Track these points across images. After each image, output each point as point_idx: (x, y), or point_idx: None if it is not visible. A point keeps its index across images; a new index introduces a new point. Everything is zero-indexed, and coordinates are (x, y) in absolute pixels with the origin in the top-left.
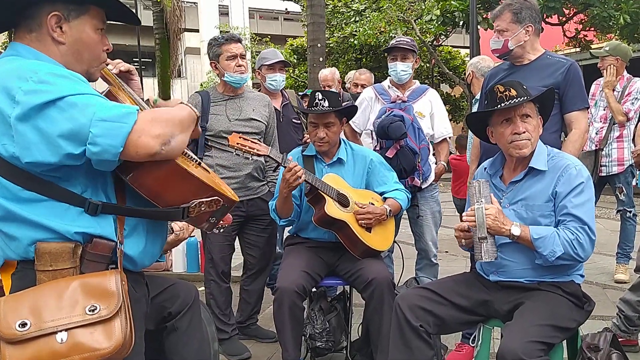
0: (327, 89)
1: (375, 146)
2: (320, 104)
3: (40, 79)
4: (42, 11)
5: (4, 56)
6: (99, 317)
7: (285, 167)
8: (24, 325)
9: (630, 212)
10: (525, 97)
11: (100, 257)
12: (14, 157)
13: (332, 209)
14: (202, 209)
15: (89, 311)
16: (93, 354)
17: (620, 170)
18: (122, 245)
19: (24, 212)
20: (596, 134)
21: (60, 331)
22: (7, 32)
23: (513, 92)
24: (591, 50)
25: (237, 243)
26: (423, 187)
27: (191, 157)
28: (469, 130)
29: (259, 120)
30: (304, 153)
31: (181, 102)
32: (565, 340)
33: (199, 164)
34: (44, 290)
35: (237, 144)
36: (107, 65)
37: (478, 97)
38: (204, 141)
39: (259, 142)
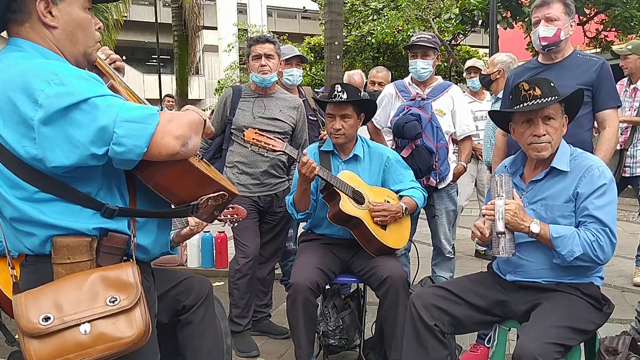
0: None
1: (392, 145)
2: (339, 95)
3: (62, 81)
4: (27, 0)
5: (8, 52)
6: (120, 307)
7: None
8: (47, 319)
9: None
10: (549, 99)
11: (115, 250)
12: (36, 160)
13: (347, 205)
14: (209, 203)
15: (110, 302)
16: (116, 343)
17: None
18: (135, 237)
19: (39, 213)
20: (621, 134)
21: (84, 323)
22: None
23: (537, 92)
24: (613, 48)
25: None
26: (440, 187)
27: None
28: (491, 132)
29: (283, 122)
30: (320, 149)
31: (188, 109)
32: (583, 343)
33: (201, 158)
34: (64, 284)
35: (253, 139)
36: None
37: (500, 96)
38: (229, 134)
39: (274, 138)
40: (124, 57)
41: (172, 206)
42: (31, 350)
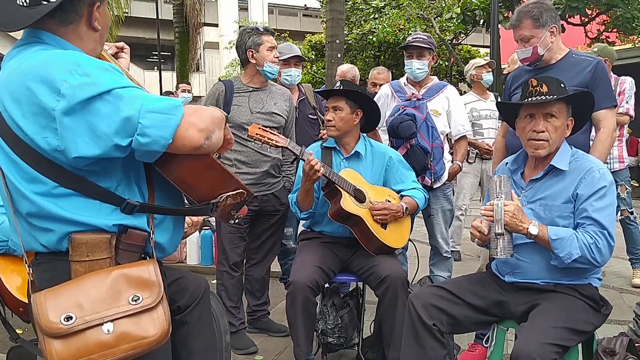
0: None
1: (387, 145)
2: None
3: (85, 71)
4: (82, 2)
5: (26, 44)
6: (143, 306)
7: (303, 159)
8: (69, 318)
9: (631, 215)
10: (553, 96)
11: (134, 247)
12: (57, 151)
13: (348, 203)
14: (228, 201)
15: (132, 301)
16: (141, 342)
17: (622, 167)
18: (154, 234)
19: (59, 208)
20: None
21: (106, 322)
22: None
23: (544, 89)
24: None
25: None
26: (435, 186)
27: None
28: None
29: (280, 115)
30: (323, 145)
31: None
32: (580, 344)
33: (218, 157)
34: (84, 282)
35: (256, 134)
36: None
37: None
38: None
39: (277, 134)
40: None
41: (186, 203)
42: (52, 351)
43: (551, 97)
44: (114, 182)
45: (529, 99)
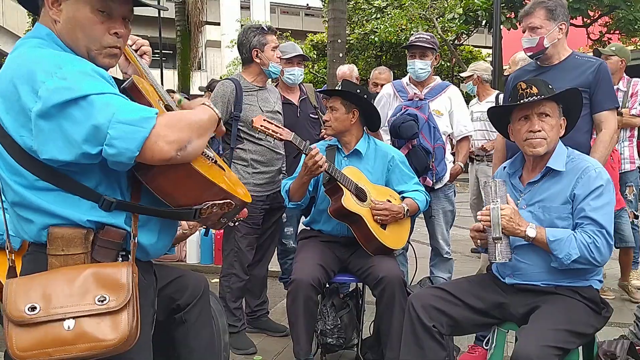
0: None
1: (389, 144)
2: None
3: (64, 75)
4: None
5: (29, 37)
6: (107, 308)
7: (305, 154)
8: (33, 308)
9: (635, 219)
10: (544, 96)
11: (111, 244)
12: (32, 150)
13: (348, 201)
14: (214, 210)
15: (98, 301)
16: (97, 345)
17: (632, 168)
18: (136, 237)
19: (39, 200)
20: None
21: (68, 318)
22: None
23: (534, 90)
24: (598, 48)
25: None
26: (436, 187)
27: (207, 155)
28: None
29: (280, 113)
30: (327, 143)
31: (204, 103)
32: (581, 347)
33: (215, 162)
34: (56, 275)
35: (261, 125)
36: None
37: None
38: (236, 131)
39: (282, 127)
40: None
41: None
42: (13, 337)
43: (542, 96)
44: (93, 182)
45: (521, 101)
